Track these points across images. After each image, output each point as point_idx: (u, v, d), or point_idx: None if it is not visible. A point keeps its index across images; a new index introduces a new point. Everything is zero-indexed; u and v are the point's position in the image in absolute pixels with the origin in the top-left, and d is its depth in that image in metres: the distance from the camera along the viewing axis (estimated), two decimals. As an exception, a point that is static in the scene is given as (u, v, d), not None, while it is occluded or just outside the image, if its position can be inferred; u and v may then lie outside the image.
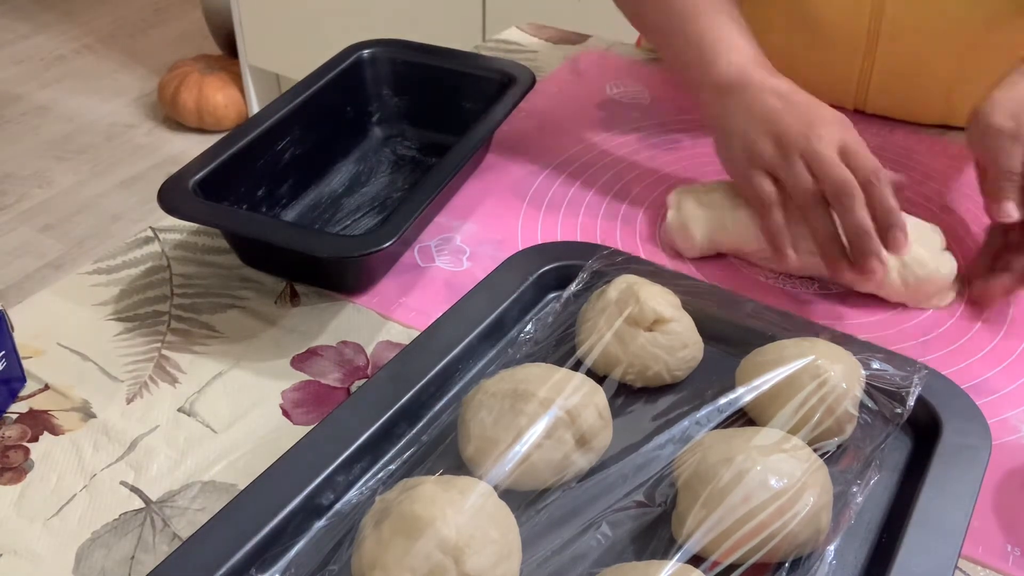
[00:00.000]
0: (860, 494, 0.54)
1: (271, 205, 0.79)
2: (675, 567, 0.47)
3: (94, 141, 2.62)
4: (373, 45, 0.90)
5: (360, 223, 0.80)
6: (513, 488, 0.52)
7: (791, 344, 0.60)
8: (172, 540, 0.54)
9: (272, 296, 0.72)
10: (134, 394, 0.63)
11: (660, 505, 0.55)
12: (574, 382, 0.56)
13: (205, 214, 0.69)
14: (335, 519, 0.53)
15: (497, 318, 0.65)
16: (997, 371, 0.67)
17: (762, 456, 0.51)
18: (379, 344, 0.68)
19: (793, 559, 0.51)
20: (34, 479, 0.57)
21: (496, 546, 0.47)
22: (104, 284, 0.72)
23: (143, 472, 0.58)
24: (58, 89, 2.84)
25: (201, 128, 2.62)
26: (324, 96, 0.84)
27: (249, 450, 0.59)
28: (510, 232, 0.79)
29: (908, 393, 0.58)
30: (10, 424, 0.61)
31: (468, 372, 0.63)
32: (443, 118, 0.89)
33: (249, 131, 0.77)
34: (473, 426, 0.54)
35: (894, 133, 0.96)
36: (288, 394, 0.64)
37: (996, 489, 0.58)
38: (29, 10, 3.26)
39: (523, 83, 0.85)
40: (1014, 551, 0.55)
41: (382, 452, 0.57)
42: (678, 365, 0.61)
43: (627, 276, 0.64)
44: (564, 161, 0.88)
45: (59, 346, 0.67)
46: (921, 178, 0.89)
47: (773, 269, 0.75)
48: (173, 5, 3.30)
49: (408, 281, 0.73)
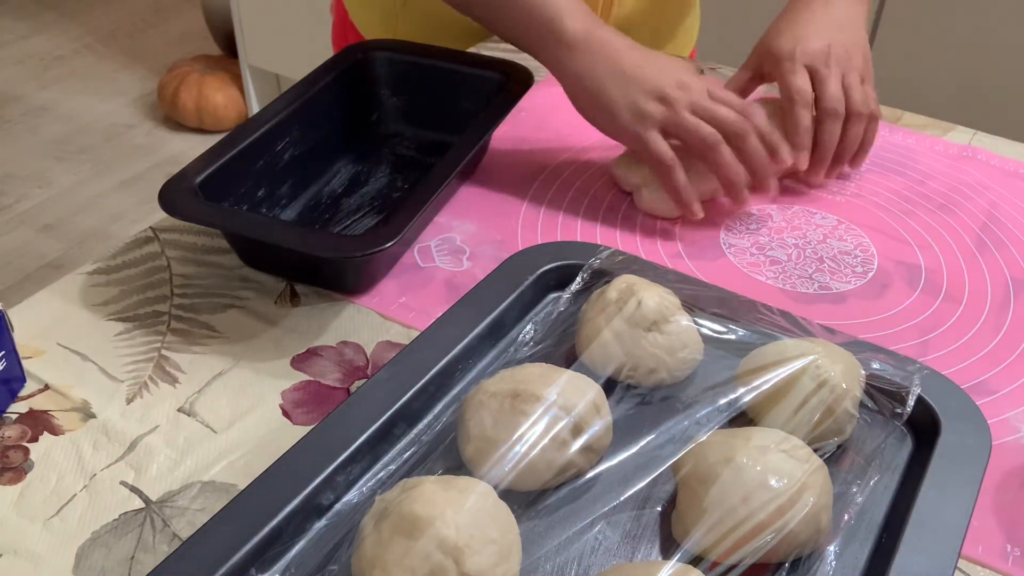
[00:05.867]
0: (860, 494, 0.54)
1: (271, 205, 0.79)
2: (675, 567, 0.47)
3: (94, 141, 2.62)
4: (372, 45, 0.90)
5: (360, 223, 0.80)
6: (513, 488, 0.52)
7: (791, 344, 0.60)
8: (172, 540, 0.54)
9: (272, 296, 0.72)
10: (134, 394, 0.63)
11: (660, 505, 0.55)
12: (574, 382, 0.56)
13: (206, 214, 0.69)
14: (335, 519, 0.53)
15: (497, 318, 0.65)
16: (997, 371, 0.67)
17: (762, 456, 0.51)
18: (379, 344, 0.68)
19: (793, 559, 0.51)
20: (34, 479, 0.57)
21: (496, 546, 0.47)
22: (104, 284, 0.72)
23: (143, 472, 0.58)
24: (58, 89, 2.84)
25: (201, 128, 2.62)
26: (323, 96, 0.84)
27: (249, 450, 0.59)
28: (510, 232, 0.79)
29: (908, 393, 0.58)
30: (10, 424, 0.61)
31: (468, 372, 0.63)
32: (442, 118, 0.89)
33: (249, 131, 0.77)
34: (473, 426, 0.54)
35: (894, 133, 0.96)
36: (288, 394, 0.64)
37: (996, 489, 0.58)
38: (29, 10, 3.26)
39: (522, 82, 0.85)
40: (1014, 551, 0.55)
41: (382, 452, 0.56)
42: (678, 365, 0.61)
43: (627, 276, 0.64)
44: (564, 161, 0.88)
45: (59, 346, 0.66)
46: (921, 178, 0.89)
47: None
48: (173, 5, 3.30)
49: (408, 281, 0.73)
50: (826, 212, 0.84)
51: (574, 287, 0.67)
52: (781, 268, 0.77)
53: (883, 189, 0.87)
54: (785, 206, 0.84)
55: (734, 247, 0.79)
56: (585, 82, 0.78)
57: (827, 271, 0.77)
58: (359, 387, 0.60)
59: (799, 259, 0.78)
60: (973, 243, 0.81)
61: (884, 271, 0.77)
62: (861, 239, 0.81)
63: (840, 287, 0.75)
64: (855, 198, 0.86)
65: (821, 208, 0.84)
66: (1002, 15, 1.71)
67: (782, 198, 0.85)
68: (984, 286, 0.76)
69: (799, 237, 0.80)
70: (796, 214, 0.83)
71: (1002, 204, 0.86)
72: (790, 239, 0.80)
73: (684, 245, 0.79)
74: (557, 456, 0.54)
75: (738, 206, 0.80)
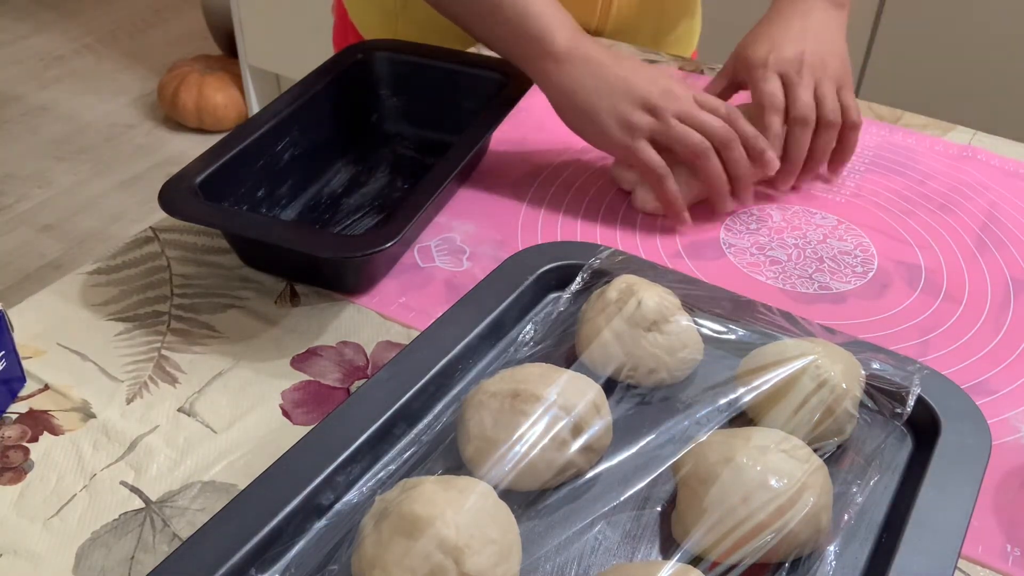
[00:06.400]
0: (860, 494, 0.54)
1: (271, 206, 0.79)
2: (675, 567, 0.47)
3: (94, 141, 2.62)
4: (372, 46, 0.90)
5: (360, 223, 0.80)
6: (513, 488, 0.52)
7: (791, 344, 0.60)
8: (172, 540, 0.54)
9: (272, 296, 0.72)
10: (134, 394, 0.63)
11: (660, 505, 0.55)
12: (574, 382, 0.56)
13: (206, 214, 0.69)
14: (335, 519, 0.53)
15: (497, 318, 0.65)
16: (997, 371, 0.67)
17: (762, 456, 0.51)
18: (379, 344, 0.68)
19: (793, 559, 0.51)
20: (34, 479, 0.57)
21: (496, 546, 0.47)
22: (104, 284, 0.72)
23: (143, 472, 0.58)
24: (58, 89, 2.84)
25: (201, 128, 2.62)
26: (323, 96, 0.84)
27: (249, 450, 0.59)
28: (510, 232, 0.79)
29: (908, 393, 0.58)
30: (10, 424, 0.61)
31: (468, 372, 0.63)
32: (442, 118, 0.89)
33: (249, 132, 0.77)
34: (473, 426, 0.54)
35: (894, 133, 0.96)
36: (288, 394, 0.64)
37: (996, 489, 0.58)
38: (29, 10, 3.26)
39: (522, 83, 0.85)
40: (1014, 551, 0.55)
41: (382, 452, 0.56)
42: (678, 365, 0.61)
43: (627, 276, 0.64)
44: (564, 161, 0.88)
45: (59, 346, 0.66)
46: (921, 178, 0.89)
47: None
48: (173, 5, 3.30)
49: (408, 281, 0.73)
50: (826, 212, 0.84)
51: (574, 287, 0.67)
52: (781, 268, 0.77)
53: (883, 189, 0.87)
54: (785, 206, 0.84)
55: (734, 247, 0.79)
56: (571, 95, 0.79)
57: (827, 271, 0.77)
58: (359, 387, 0.60)
59: (799, 259, 0.78)
60: (973, 243, 0.81)
61: (884, 271, 0.77)
62: (861, 239, 0.81)
63: (840, 287, 0.75)
64: (855, 198, 0.86)
65: (821, 208, 0.84)
66: (1002, 15, 1.71)
67: (782, 198, 0.85)
68: (984, 286, 0.76)
69: (799, 237, 0.80)
70: (796, 214, 0.83)
71: (1002, 204, 0.86)
72: (790, 239, 0.80)
73: (684, 245, 0.79)
74: (557, 456, 0.54)
75: (721, 211, 0.81)
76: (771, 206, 0.84)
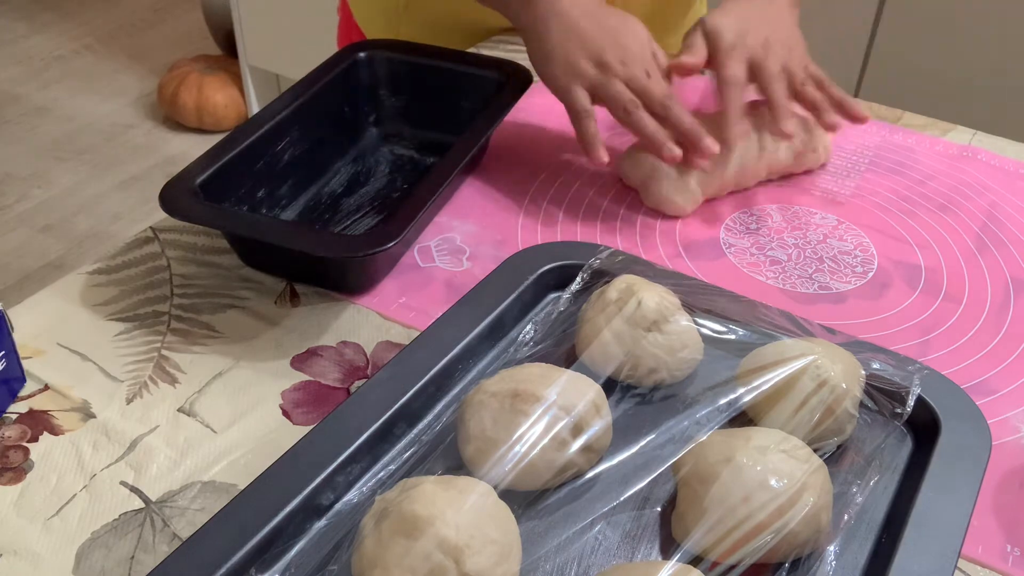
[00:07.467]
0: (860, 494, 0.54)
1: (271, 206, 0.79)
2: (675, 567, 0.47)
3: (94, 141, 2.62)
4: (371, 45, 0.90)
5: (360, 223, 0.80)
6: (513, 488, 0.52)
7: (791, 344, 0.60)
8: (172, 540, 0.54)
9: (272, 296, 0.72)
10: (134, 394, 0.63)
11: (660, 505, 0.55)
12: (574, 382, 0.56)
13: (206, 215, 0.69)
14: (335, 519, 0.53)
15: (497, 318, 0.65)
16: (997, 371, 0.67)
17: (762, 456, 0.51)
18: (379, 344, 0.68)
19: (793, 559, 0.51)
20: (34, 479, 0.57)
21: (496, 546, 0.47)
22: (104, 284, 0.72)
23: (143, 472, 0.58)
24: (58, 89, 2.84)
25: (201, 128, 2.62)
26: (322, 97, 0.84)
27: (249, 450, 0.59)
28: (510, 232, 0.79)
29: (908, 393, 0.58)
30: (10, 424, 0.61)
31: (468, 372, 0.63)
32: (441, 118, 0.89)
33: (249, 132, 0.77)
34: (473, 426, 0.54)
35: (894, 133, 0.96)
36: (288, 394, 0.64)
37: (996, 489, 0.58)
38: (29, 10, 3.26)
39: (522, 82, 0.85)
40: (1014, 551, 0.55)
41: (382, 452, 0.56)
42: (678, 365, 0.61)
43: (627, 276, 0.64)
44: (564, 160, 0.88)
45: (59, 346, 0.66)
46: (921, 178, 0.89)
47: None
48: (173, 5, 3.30)
49: (408, 281, 0.73)
50: (826, 212, 0.84)
51: (574, 287, 0.67)
52: (781, 268, 0.77)
53: (883, 189, 0.87)
54: (785, 206, 0.84)
55: (734, 247, 0.79)
56: (536, 31, 0.82)
57: (827, 271, 0.77)
58: (359, 387, 0.60)
59: (799, 259, 0.78)
60: (973, 243, 0.81)
61: (884, 271, 0.77)
62: (861, 239, 0.81)
63: (840, 287, 0.75)
64: (855, 198, 0.86)
65: (821, 208, 0.84)
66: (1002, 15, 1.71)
67: (782, 198, 0.85)
68: (984, 286, 0.76)
69: (799, 237, 0.80)
70: (796, 214, 0.83)
71: (1002, 204, 0.86)
72: (790, 239, 0.80)
73: (684, 245, 0.79)
74: (557, 456, 0.54)
75: (702, 157, 0.79)
76: (771, 206, 0.84)
